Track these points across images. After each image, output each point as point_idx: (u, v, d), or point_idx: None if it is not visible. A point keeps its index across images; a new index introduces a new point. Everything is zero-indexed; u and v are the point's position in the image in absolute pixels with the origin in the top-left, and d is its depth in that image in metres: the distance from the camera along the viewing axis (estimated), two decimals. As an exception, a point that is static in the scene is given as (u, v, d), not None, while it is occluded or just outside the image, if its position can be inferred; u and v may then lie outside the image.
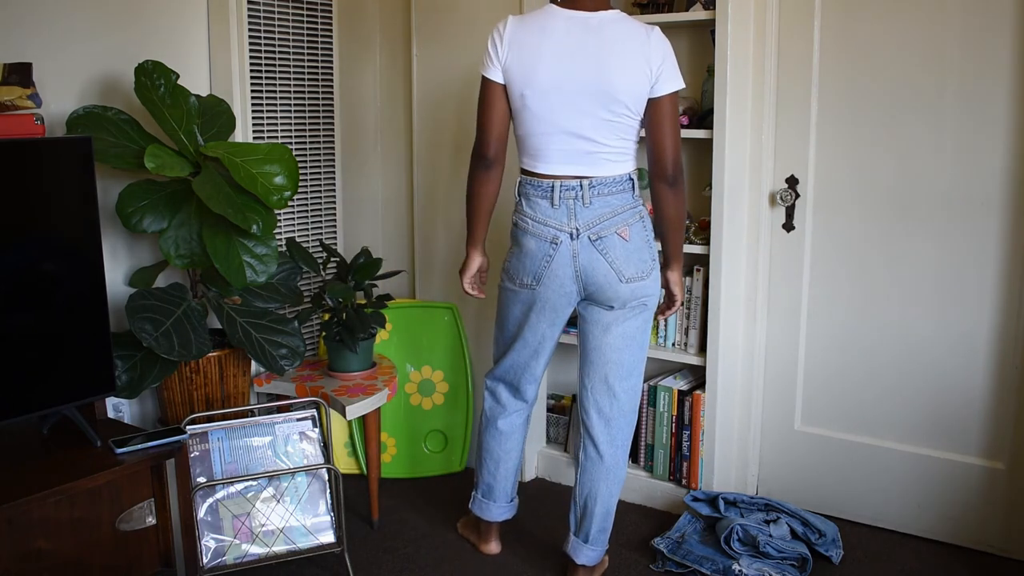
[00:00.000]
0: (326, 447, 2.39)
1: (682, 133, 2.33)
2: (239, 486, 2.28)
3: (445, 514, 2.79)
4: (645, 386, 2.80)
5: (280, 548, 2.27)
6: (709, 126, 2.60)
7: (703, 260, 2.69)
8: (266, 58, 2.82)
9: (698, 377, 2.85)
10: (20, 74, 2.16)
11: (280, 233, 2.95)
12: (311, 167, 3.07)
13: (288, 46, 2.90)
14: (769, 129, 2.65)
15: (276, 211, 2.55)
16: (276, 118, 2.89)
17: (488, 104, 2.17)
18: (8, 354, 2.00)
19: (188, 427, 2.25)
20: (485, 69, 2.15)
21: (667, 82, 2.12)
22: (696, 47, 2.79)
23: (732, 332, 2.69)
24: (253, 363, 2.65)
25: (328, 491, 2.36)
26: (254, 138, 2.80)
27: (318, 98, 3.05)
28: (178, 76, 2.34)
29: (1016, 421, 2.44)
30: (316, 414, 2.42)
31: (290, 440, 2.36)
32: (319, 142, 3.08)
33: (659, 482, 2.84)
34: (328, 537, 2.33)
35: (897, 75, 2.47)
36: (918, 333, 2.55)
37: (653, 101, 2.13)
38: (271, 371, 2.47)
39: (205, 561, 2.19)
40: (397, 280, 3.16)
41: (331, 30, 3.07)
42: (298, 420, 2.39)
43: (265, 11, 2.79)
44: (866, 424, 2.67)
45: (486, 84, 2.16)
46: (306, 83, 2.99)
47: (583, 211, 2.14)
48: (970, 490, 2.52)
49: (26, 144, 2.03)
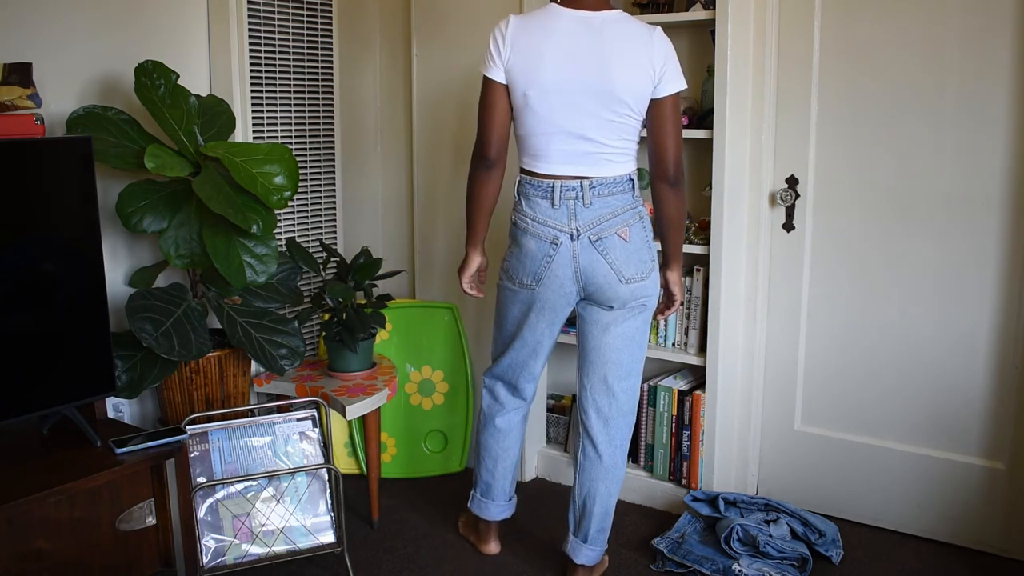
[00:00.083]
0: (326, 447, 2.39)
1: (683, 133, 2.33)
2: (239, 486, 2.28)
3: (445, 514, 2.79)
4: (645, 386, 2.80)
5: (280, 548, 2.27)
6: (709, 126, 2.61)
7: (703, 260, 2.69)
8: (266, 58, 2.82)
9: (698, 377, 2.85)
10: (20, 74, 2.15)
11: (280, 233, 2.95)
12: (311, 167, 3.07)
13: (288, 46, 2.90)
14: (769, 129, 2.65)
15: (276, 211, 2.55)
16: (276, 118, 2.89)
17: (490, 104, 2.16)
18: (8, 354, 2.00)
19: (188, 427, 2.25)
20: (487, 69, 2.14)
21: (670, 83, 2.12)
22: (696, 47, 2.79)
23: (732, 332, 2.70)
24: (253, 363, 2.65)
25: (328, 491, 2.36)
26: (254, 138, 2.80)
27: (318, 98, 3.05)
28: (178, 76, 2.34)
29: (1016, 421, 2.44)
30: (316, 414, 2.41)
31: (290, 440, 2.36)
32: (319, 142, 3.08)
33: (659, 482, 2.84)
34: (328, 537, 2.33)
35: (897, 75, 2.47)
36: (918, 333, 2.55)
37: (655, 102, 2.13)
38: (271, 371, 2.47)
39: (205, 561, 2.19)
40: (397, 280, 3.16)
41: (331, 30, 3.06)
42: (298, 420, 2.39)
43: (265, 11, 2.79)
44: (866, 424, 2.67)
45: (488, 84, 2.15)
46: (306, 83, 2.99)
47: (583, 212, 2.13)
48: (970, 490, 2.52)
49: (26, 144, 2.03)
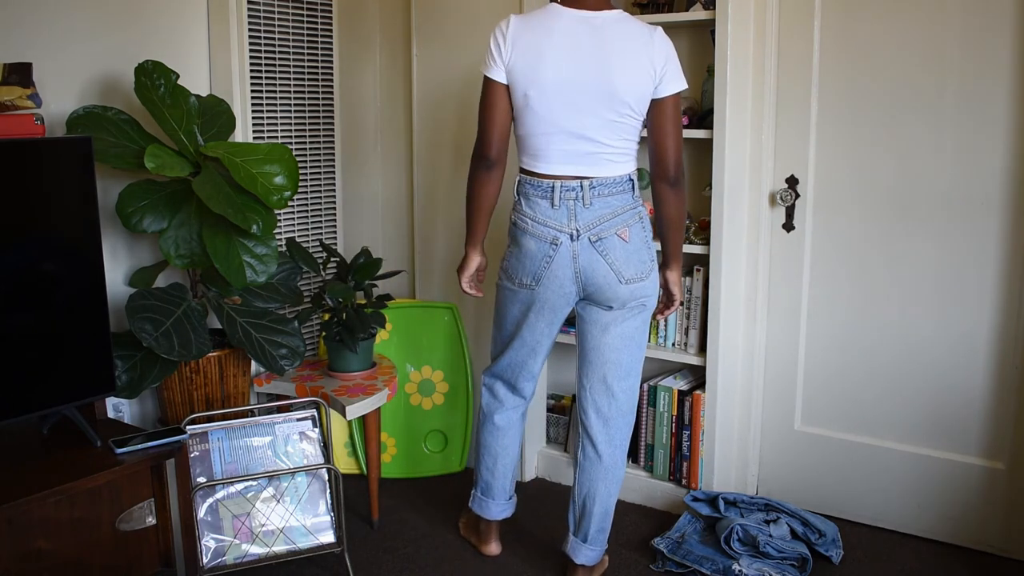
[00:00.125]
0: (326, 447, 2.39)
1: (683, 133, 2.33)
2: (239, 486, 2.28)
3: (445, 514, 2.79)
4: (645, 386, 2.80)
5: (280, 548, 2.27)
6: (709, 126, 2.61)
7: (703, 260, 2.69)
8: (266, 58, 2.82)
9: (698, 377, 2.85)
10: (20, 74, 2.15)
11: (280, 233, 2.95)
12: (311, 167, 3.06)
13: (288, 46, 2.90)
14: (769, 129, 2.65)
15: (276, 211, 2.55)
16: (276, 118, 2.89)
17: (490, 104, 2.15)
18: (8, 354, 2.00)
19: (188, 427, 2.25)
20: (487, 69, 2.14)
21: (671, 83, 2.12)
22: (696, 47, 2.79)
23: (732, 332, 2.70)
24: (253, 363, 2.65)
25: (328, 491, 2.36)
26: (254, 138, 2.80)
27: (318, 98, 3.05)
28: (178, 76, 2.34)
29: (1016, 421, 2.44)
30: (316, 414, 2.41)
31: (290, 440, 2.36)
32: (319, 142, 3.08)
33: (659, 482, 2.84)
34: (328, 537, 2.33)
35: (897, 75, 2.47)
36: (918, 333, 2.55)
37: (656, 102, 2.13)
38: (271, 371, 2.47)
39: (205, 561, 2.19)
40: (397, 280, 3.16)
41: (331, 30, 3.06)
42: (298, 420, 2.39)
43: (265, 11, 2.79)
44: (866, 424, 2.67)
45: (488, 84, 2.15)
46: (306, 83, 2.99)
47: (583, 212, 2.13)
48: (970, 490, 2.52)
49: (26, 144, 2.03)
